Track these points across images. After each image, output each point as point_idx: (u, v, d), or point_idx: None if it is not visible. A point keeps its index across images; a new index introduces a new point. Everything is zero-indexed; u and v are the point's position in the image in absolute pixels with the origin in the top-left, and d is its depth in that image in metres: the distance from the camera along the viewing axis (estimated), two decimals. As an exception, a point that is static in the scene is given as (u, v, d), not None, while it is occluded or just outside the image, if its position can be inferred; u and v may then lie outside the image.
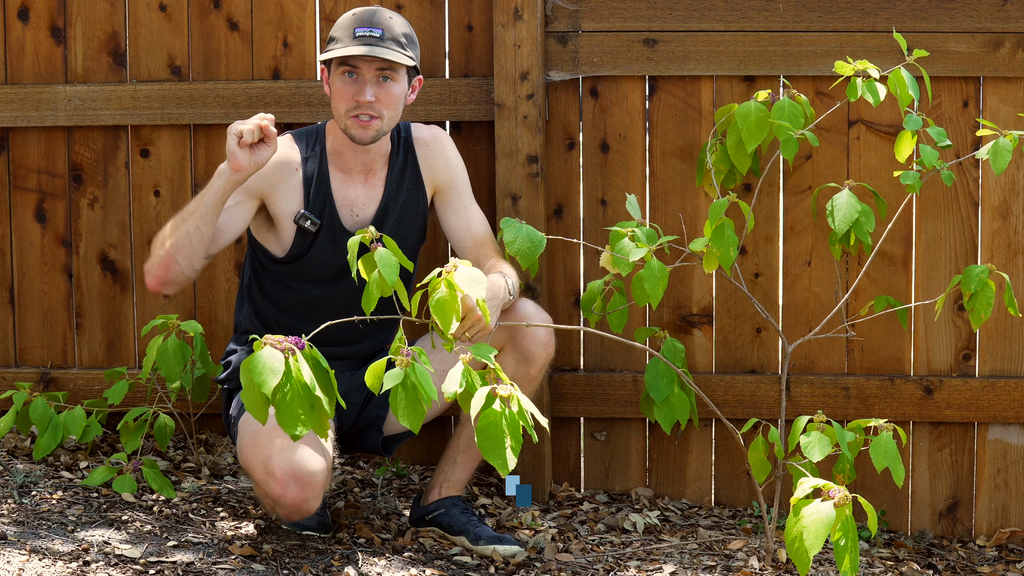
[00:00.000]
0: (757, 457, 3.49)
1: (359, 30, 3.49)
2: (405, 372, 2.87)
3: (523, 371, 3.59)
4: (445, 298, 2.95)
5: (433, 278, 2.97)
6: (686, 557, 3.68)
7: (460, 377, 2.89)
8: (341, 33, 3.52)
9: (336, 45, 3.51)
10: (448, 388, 2.90)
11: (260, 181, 3.54)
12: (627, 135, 4.01)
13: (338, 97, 3.52)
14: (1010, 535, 4.00)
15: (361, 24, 3.50)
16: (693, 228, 3.97)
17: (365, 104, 3.49)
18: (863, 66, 3.57)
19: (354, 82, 3.50)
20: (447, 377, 2.92)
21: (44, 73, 4.13)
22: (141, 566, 3.26)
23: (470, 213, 3.70)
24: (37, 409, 3.87)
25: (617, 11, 3.96)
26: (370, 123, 3.52)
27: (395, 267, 2.96)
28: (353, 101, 3.50)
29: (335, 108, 3.54)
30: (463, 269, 2.97)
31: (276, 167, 3.55)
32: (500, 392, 2.86)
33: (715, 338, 4.05)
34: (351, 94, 3.50)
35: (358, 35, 3.48)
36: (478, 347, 2.95)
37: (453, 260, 2.98)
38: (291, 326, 3.66)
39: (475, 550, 3.59)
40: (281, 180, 3.57)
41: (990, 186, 3.93)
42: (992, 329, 3.97)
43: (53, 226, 4.16)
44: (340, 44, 3.50)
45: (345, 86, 3.51)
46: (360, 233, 3.01)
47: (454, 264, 2.98)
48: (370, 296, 2.97)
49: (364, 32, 3.49)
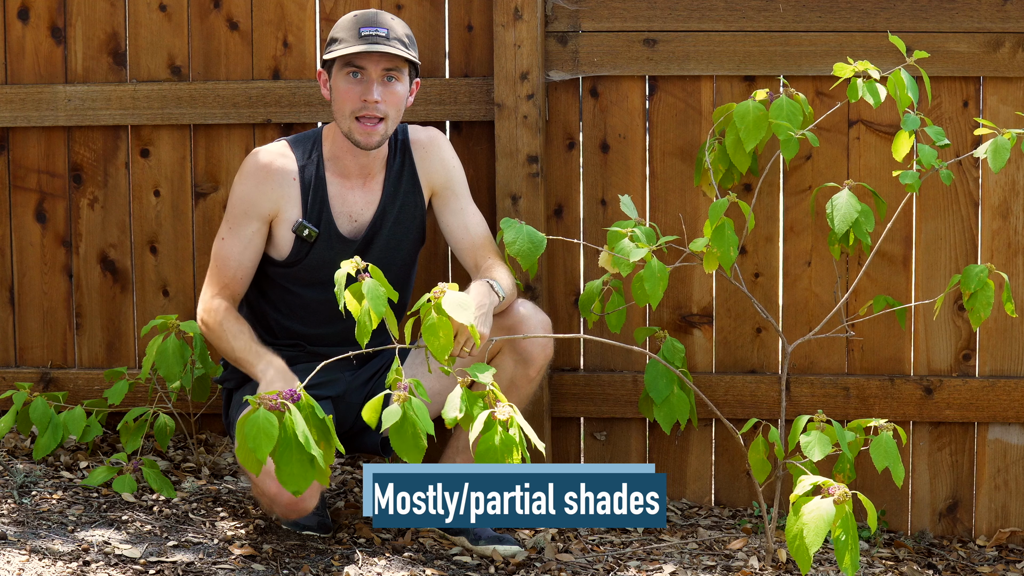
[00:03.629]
0: (757, 457, 3.49)
1: (364, 30, 3.48)
2: (403, 408, 2.89)
3: (522, 372, 3.59)
4: (436, 324, 2.98)
5: (423, 304, 2.99)
6: (686, 557, 3.68)
7: (459, 402, 2.93)
8: (344, 34, 3.51)
9: (340, 45, 3.50)
10: (448, 413, 2.94)
11: (268, 204, 3.56)
12: (627, 135, 4.01)
13: (343, 98, 3.51)
14: (1010, 535, 4.00)
15: (365, 24, 3.49)
16: (693, 228, 3.97)
17: (372, 104, 3.48)
18: (863, 67, 3.57)
19: (360, 82, 3.50)
20: (447, 402, 2.95)
21: (44, 73, 4.13)
22: (141, 566, 3.26)
23: (468, 214, 3.69)
24: (37, 409, 3.87)
25: (617, 11, 3.96)
26: (375, 128, 3.51)
27: (383, 297, 2.98)
28: (359, 101, 3.49)
29: (338, 110, 3.53)
30: (451, 295, 2.98)
31: (276, 187, 3.56)
32: (499, 416, 2.89)
33: (715, 338, 4.05)
34: (357, 94, 3.49)
35: (364, 35, 3.47)
36: (476, 367, 2.97)
37: (441, 285, 2.99)
38: (290, 328, 3.67)
39: (475, 550, 3.59)
40: (283, 194, 3.58)
41: (990, 186, 3.93)
42: (992, 329, 3.97)
43: (53, 226, 4.17)
44: (345, 44, 3.49)
45: (351, 86, 3.50)
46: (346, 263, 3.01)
47: (442, 289, 2.99)
48: (363, 330, 2.98)
49: (369, 32, 3.48)
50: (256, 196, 3.56)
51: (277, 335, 3.67)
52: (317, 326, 3.66)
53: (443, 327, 2.98)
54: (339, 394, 3.64)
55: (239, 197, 3.58)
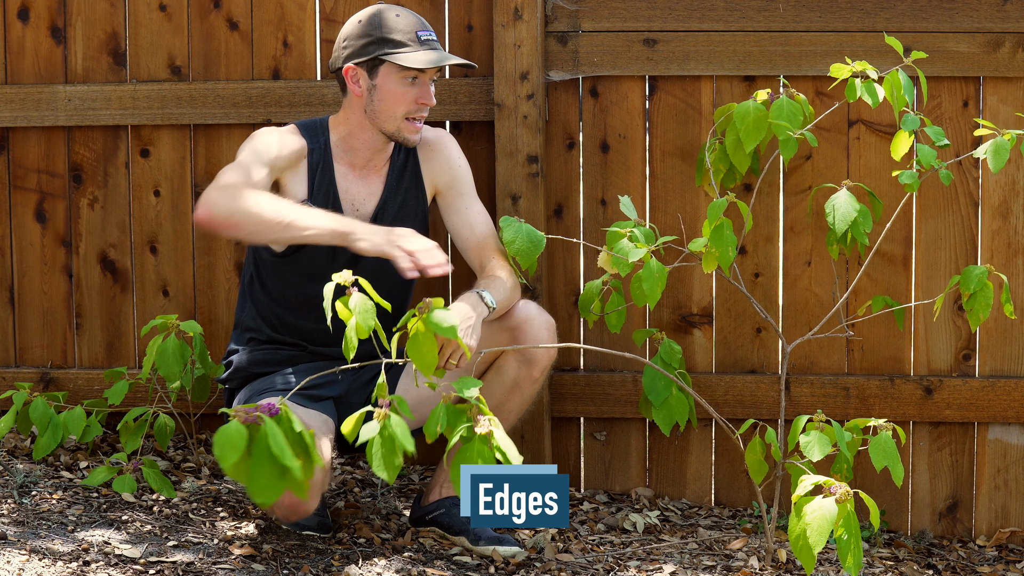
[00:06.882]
0: (754, 458, 3.48)
1: (422, 34, 3.56)
2: (382, 425, 2.88)
3: (525, 372, 3.60)
4: (420, 339, 2.98)
5: (409, 318, 2.99)
6: (686, 557, 3.68)
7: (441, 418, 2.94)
8: (403, 36, 3.55)
9: (404, 49, 3.53)
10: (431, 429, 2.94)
11: (282, 161, 3.58)
12: (627, 135, 4.01)
13: (397, 100, 3.56)
14: (1010, 535, 4.00)
15: (421, 28, 3.57)
16: (693, 228, 3.97)
17: (427, 107, 3.58)
18: (861, 67, 3.57)
19: (415, 85, 3.56)
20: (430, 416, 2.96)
21: (44, 73, 4.13)
22: (141, 566, 3.26)
23: (473, 213, 3.70)
24: (37, 409, 3.87)
25: (617, 11, 3.96)
26: (422, 125, 3.62)
27: (372, 311, 2.98)
28: (415, 104, 3.57)
29: (390, 111, 3.57)
30: (436, 312, 2.99)
31: (293, 152, 3.60)
32: (479, 431, 2.90)
33: (715, 338, 4.05)
34: (414, 97, 3.56)
35: (423, 39, 3.55)
36: (462, 380, 2.97)
37: (426, 300, 3.00)
38: (292, 323, 3.67)
39: (475, 550, 3.60)
40: (295, 164, 3.61)
41: (990, 186, 3.93)
42: (992, 329, 3.97)
43: (53, 226, 4.17)
44: (409, 49, 3.53)
45: (407, 89, 3.56)
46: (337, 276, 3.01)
47: (427, 304, 2.99)
48: (348, 345, 2.98)
49: (427, 36, 3.57)
50: (274, 147, 3.57)
51: (280, 333, 3.67)
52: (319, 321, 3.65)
53: (428, 342, 2.98)
54: (340, 395, 3.64)
55: (252, 148, 3.57)
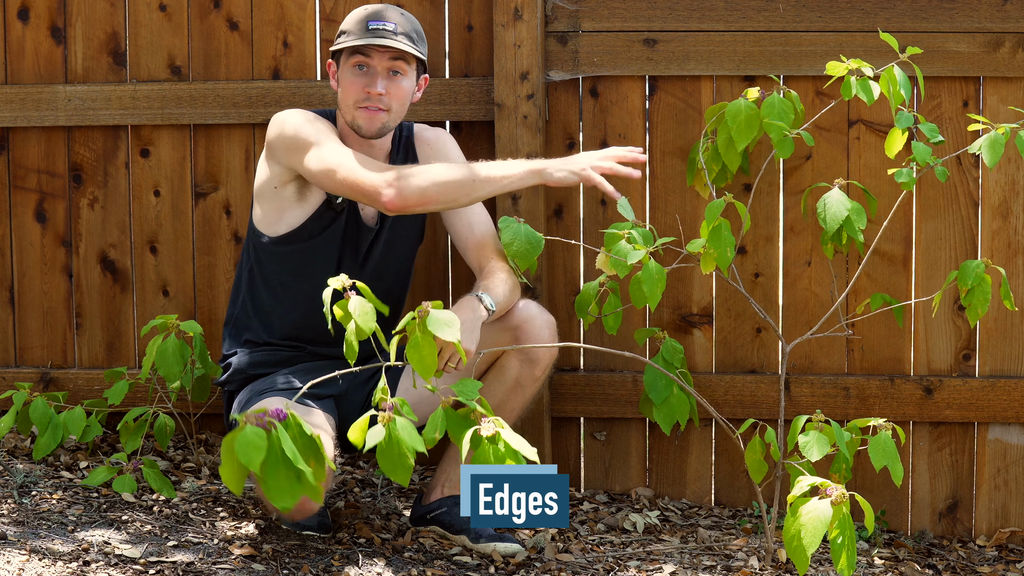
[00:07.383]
0: (754, 458, 3.48)
1: (372, 23, 3.55)
2: (387, 429, 2.88)
3: (527, 372, 3.60)
4: (419, 342, 2.97)
5: (408, 322, 2.99)
6: (686, 557, 3.68)
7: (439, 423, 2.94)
8: (353, 27, 3.57)
9: (348, 38, 3.57)
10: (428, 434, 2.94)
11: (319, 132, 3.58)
12: (627, 135, 4.01)
13: (348, 89, 3.57)
14: (1010, 535, 4.00)
15: (374, 18, 3.56)
16: (693, 228, 3.97)
17: (375, 96, 3.54)
18: (857, 64, 3.57)
19: (365, 74, 3.56)
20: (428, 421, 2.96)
21: (44, 73, 4.13)
22: (141, 566, 3.26)
23: (472, 213, 3.70)
24: (37, 409, 3.87)
25: (617, 11, 3.96)
26: (377, 114, 3.57)
27: (371, 314, 2.98)
28: (363, 92, 3.56)
29: (343, 101, 3.58)
30: (435, 313, 2.98)
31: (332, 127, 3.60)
32: (483, 433, 2.90)
33: (715, 338, 4.05)
34: (362, 85, 3.56)
35: (371, 28, 3.54)
36: (462, 383, 2.96)
37: (424, 304, 2.99)
38: (293, 322, 3.66)
39: (475, 548, 3.60)
40: None
41: (990, 186, 3.93)
42: (992, 329, 3.97)
43: (53, 226, 4.17)
44: (352, 36, 3.56)
45: (356, 78, 3.56)
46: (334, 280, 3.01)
47: (425, 308, 2.99)
48: (350, 349, 2.98)
49: (377, 25, 3.55)
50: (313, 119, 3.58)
51: (277, 334, 3.67)
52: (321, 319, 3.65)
53: (427, 346, 2.98)
54: (340, 392, 3.64)
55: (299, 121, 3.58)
